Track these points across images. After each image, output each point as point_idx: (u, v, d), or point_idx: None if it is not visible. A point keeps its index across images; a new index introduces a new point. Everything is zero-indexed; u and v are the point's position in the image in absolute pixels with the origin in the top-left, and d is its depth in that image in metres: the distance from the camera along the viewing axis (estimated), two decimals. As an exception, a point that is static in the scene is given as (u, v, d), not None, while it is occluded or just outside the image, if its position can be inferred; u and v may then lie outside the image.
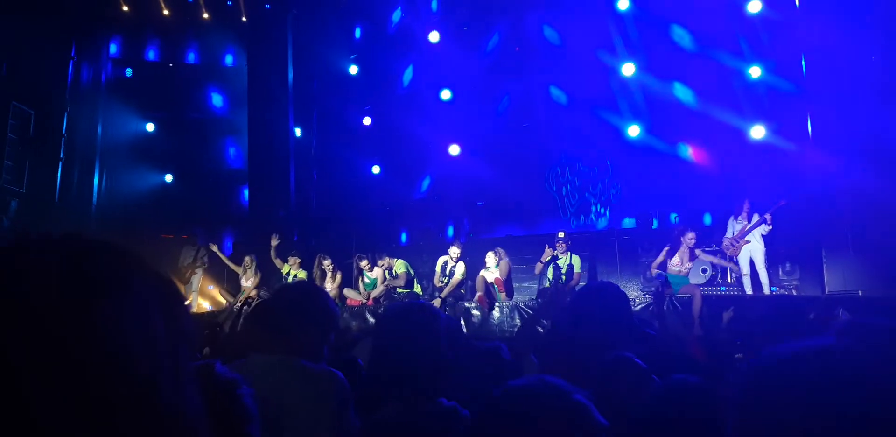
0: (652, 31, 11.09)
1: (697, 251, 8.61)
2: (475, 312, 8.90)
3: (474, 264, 9.73)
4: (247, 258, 10.48)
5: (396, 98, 13.57)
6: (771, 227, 8.67)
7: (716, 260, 8.98)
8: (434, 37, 12.98)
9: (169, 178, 14.05)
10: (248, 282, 10.39)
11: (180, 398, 0.64)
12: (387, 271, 10.00)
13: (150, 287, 0.65)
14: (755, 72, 10.11)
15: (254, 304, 9.91)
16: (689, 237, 8.43)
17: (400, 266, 9.99)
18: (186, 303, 0.68)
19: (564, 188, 12.19)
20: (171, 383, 0.62)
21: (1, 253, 0.62)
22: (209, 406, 1.42)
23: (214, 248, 11.04)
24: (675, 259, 8.53)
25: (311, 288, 2.57)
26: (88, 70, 13.42)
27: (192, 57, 14.86)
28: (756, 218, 8.75)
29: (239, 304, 10.13)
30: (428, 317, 1.94)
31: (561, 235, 9.25)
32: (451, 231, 12.91)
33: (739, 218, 8.99)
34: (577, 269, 9.17)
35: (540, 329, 6.49)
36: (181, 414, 0.63)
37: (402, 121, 13.03)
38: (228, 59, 14.95)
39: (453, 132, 12.75)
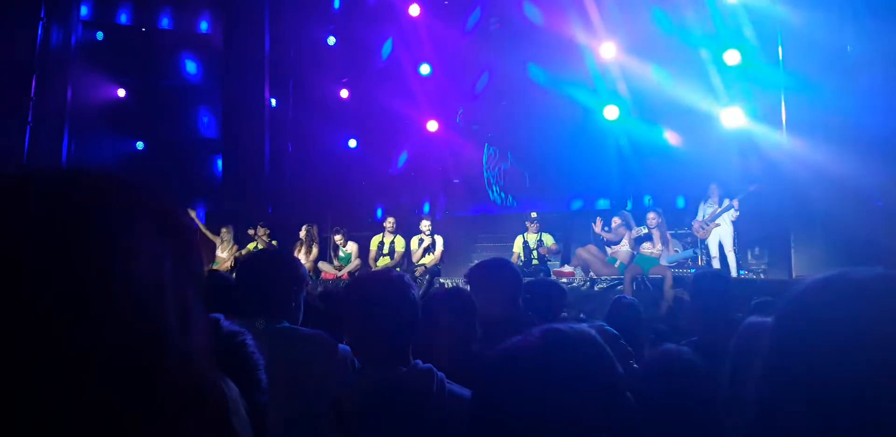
0: (633, 13, 11.09)
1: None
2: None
3: (450, 240, 9.76)
4: (224, 229, 10.36)
5: (375, 71, 13.40)
6: (738, 213, 8.85)
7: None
8: (414, 10, 12.82)
9: (140, 145, 13.79)
10: (224, 253, 10.30)
11: (188, 342, 0.60)
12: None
13: (159, 225, 0.60)
14: (732, 57, 10.20)
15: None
16: (650, 217, 8.58)
17: (400, 245, 9.93)
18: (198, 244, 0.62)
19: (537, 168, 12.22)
20: (177, 327, 0.59)
21: None
22: (218, 357, 1.45)
23: (192, 214, 10.88)
24: (646, 242, 8.68)
25: (273, 255, 2.69)
26: (58, 32, 12.96)
27: (165, 22, 14.47)
28: (726, 202, 8.93)
29: (215, 275, 10.05)
30: (402, 282, 2.00)
31: (533, 215, 9.32)
32: (426, 208, 12.90)
33: (709, 202, 9.17)
34: (547, 244, 9.29)
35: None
36: (189, 359, 0.60)
37: (380, 95, 12.91)
38: (203, 26, 14.60)
39: (432, 108, 12.68)
